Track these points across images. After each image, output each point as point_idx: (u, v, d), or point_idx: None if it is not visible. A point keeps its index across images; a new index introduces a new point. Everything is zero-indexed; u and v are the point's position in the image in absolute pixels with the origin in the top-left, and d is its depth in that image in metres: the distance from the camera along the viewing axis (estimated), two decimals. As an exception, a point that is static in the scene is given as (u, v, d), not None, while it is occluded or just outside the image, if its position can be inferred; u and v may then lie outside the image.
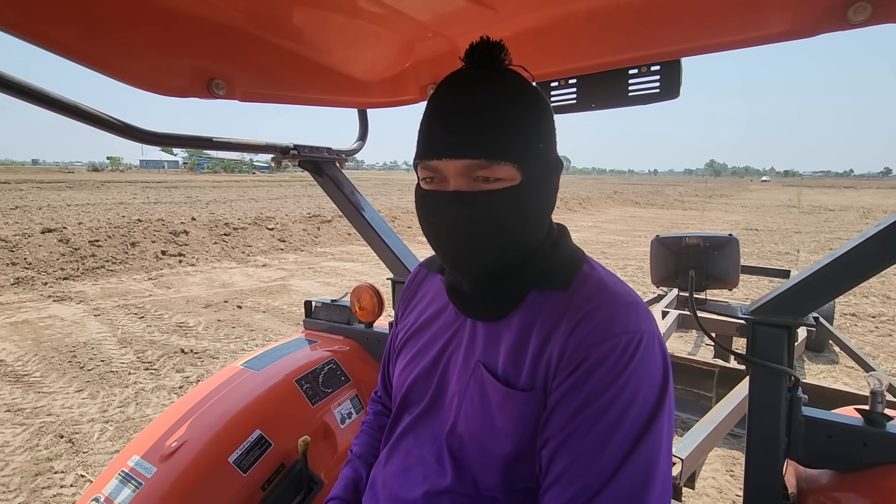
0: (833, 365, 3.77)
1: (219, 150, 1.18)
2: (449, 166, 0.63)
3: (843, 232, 12.25)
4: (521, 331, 0.68)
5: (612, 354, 0.59)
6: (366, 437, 0.92)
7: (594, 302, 0.63)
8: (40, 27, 0.68)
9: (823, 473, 0.94)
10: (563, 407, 0.60)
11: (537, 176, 0.65)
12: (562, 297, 0.66)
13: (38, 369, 3.58)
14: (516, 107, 0.63)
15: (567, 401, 0.60)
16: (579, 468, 0.57)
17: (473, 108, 0.62)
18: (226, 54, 0.91)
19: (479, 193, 0.63)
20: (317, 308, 1.68)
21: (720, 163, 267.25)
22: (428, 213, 0.67)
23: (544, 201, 0.68)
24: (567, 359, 0.61)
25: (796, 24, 0.76)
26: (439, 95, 0.66)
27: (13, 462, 2.48)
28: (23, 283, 5.99)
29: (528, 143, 0.64)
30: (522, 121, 0.64)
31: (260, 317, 4.95)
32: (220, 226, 9.88)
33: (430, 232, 0.69)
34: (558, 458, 0.59)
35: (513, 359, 0.67)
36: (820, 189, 45.62)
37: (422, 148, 0.65)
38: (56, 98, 0.82)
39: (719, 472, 2.46)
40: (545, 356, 0.64)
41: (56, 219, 10.38)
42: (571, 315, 0.63)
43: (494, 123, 0.62)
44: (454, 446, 0.71)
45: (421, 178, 0.68)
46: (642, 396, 0.58)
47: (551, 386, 0.63)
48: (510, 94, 0.64)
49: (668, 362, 0.62)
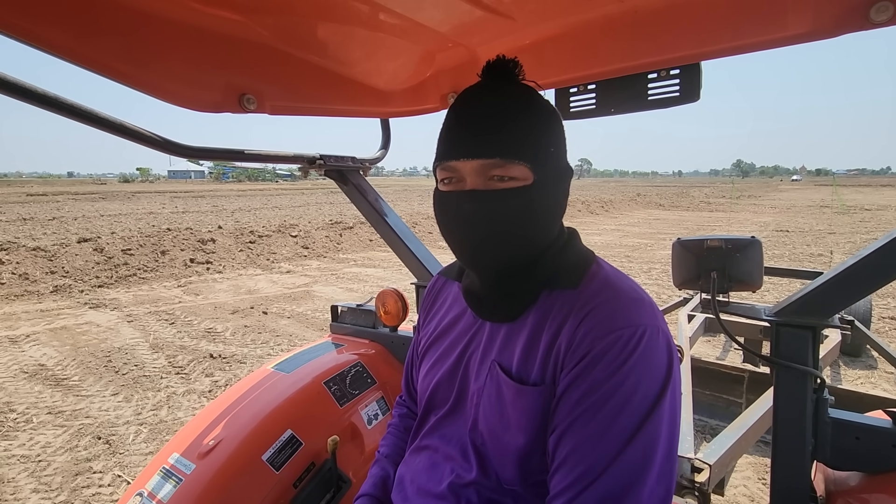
0: (871, 370, 3.63)
1: (249, 162, 1.23)
2: (466, 166, 0.67)
3: (880, 232, 11.77)
4: (533, 329, 0.71)
5: (615, 346, 0.62)
6: (392, 439, 0.96)
7: (600, 297, 0.67)
8: (79, 47, 0.72)
9: (852, 476, 0.92)
10: (569, 395, 0.64)
11: (548, 178, 0.69)
12: (570, 295, 0.70)
13: (76, 373, 3.73)
14: (527, 112, 0.69)
15: (572, 389, 0.63)
16: (583, 452, 0.60)
17: (488, 113, 0.68)
18: (256, 70, 0.96)
19: (495, 192, 0.67)
20: (343, 312, 1.72)
21: (748, 162, 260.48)
22: (446, 212, 0.71)
23: (555, 203, 0.72)
24: (573, 350, 0.65)
25: (817, 24, 0.76)
26: (457, 104, 0.71)
27: (55, 462, 2.59)
28: (61, 291, 6.25)
29: (540, 146, 0.68)
30: (534, 124, 0.69)
31: (285, 322, 5.05)
32: (245, 234, 10.12)
33: (448, 231, 0.72)
34: (563, 442, 0.63)
35: (525, 356, 0.70)
36: (855, 188, 43.96)
37: (441, 151, 0.71)
38: (104, 117, 0.88)
39: (751, 479, 2.40)
40: (554, 351, 0.67)
41: (91, 229, 10.81)
42: (578, 310, 0.67)
43: (508, 125, 0.67)
44: (477, 442, 0.74)
45: (439, 179, 0.72)
46: (644, 386, 0.61)
47: (559, 378, 0.66)
48: (521, 101, 0.69)
49: (672, 356, 0.64)
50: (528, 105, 0.69)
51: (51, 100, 0.79)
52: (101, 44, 0.74)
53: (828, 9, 0.74)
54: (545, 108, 0.72)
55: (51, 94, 0.79)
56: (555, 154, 0.71)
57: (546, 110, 0.71)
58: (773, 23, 0.80)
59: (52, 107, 0.80)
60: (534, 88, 0.73)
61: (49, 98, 0.78)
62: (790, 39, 0.80)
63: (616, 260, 8.42)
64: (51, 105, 0.79)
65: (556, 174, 0.71)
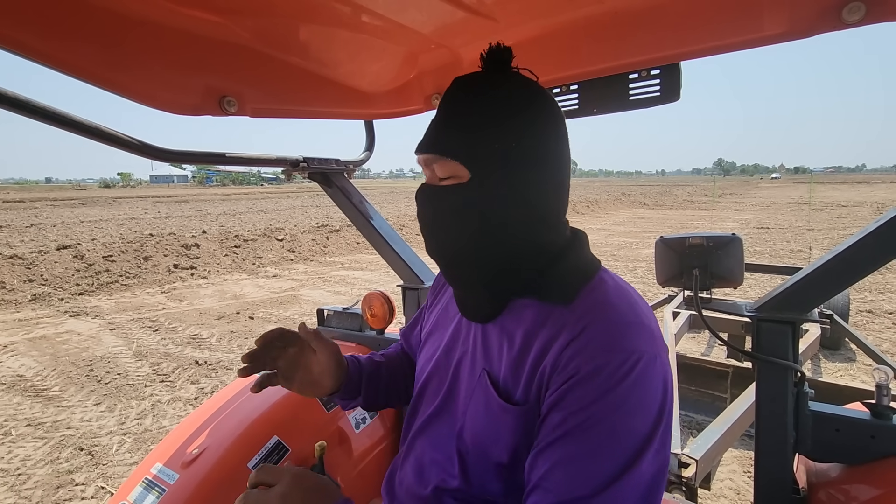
0: (850, 363, 3.72)
1: (231, 166, 1.22)
2: (420, 161, 0.69)
3: (856, 228, 12.06)
4: (522, 343, 0.67)
5: (604, 370, 0.56)
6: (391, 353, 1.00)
7: (594, 317, 0.61)
8: (56, 52, 0.71)
9: (833, 467, 0.94)
10: (551, 416, 0.59)
11: (493, 175, 0.63)
12: (563, 312, 0.64)
13: (56, 383, 3.65)
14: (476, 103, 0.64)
15: (555, 411, 0.59)
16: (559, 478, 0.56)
17: (443, 108, 0.67)
18: (237, 72, 0.94)
19: (435, 188, 0.67)
20: (329, 316, 1.70)
21: (729, 161, 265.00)
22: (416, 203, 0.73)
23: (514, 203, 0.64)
24: (559, 371, 0.60)
25: (792, 25, 0.78)
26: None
27: (35, 475, 2.52)
28: (40, 300, 6.11)
29: (478, 141, 0.63)
30: (478, 117, 0.64)
31: (272, 327, 4.98)
32: (230, 238, 10.00)
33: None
34: (539, 464, 0.59)
35: (512, 371, 0.67)
36: (832, 185, 45.04)
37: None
38: (78, 121, 0.86)
39: (736, 473, 2.44)
40: (540, 369, 0.63)
41: (70, 235, 10.58)
42: (570, 329, 0.61)
43: (448, 120, 0.66)
44: (462, 449, 0.72)
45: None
46: (634, 422, 0.56)
47: (543, 398, 0.62)
48: (475, 93, 0.65)
49: (668, 389, 0.59)
50: (481, 95, 0.64)
51: (22, 103, 0.77)
52: (75, 46, 0.73)
53: (802, 10, 0.76)
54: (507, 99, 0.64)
55: (22, 98, 0.77)
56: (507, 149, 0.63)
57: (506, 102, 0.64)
58: (749, 23, 0.82)
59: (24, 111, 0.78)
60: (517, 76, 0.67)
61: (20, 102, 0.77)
62: (766, 40, 0.82)
63: (602, 259, 8.31)
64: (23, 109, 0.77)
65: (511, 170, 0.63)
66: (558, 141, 0.67)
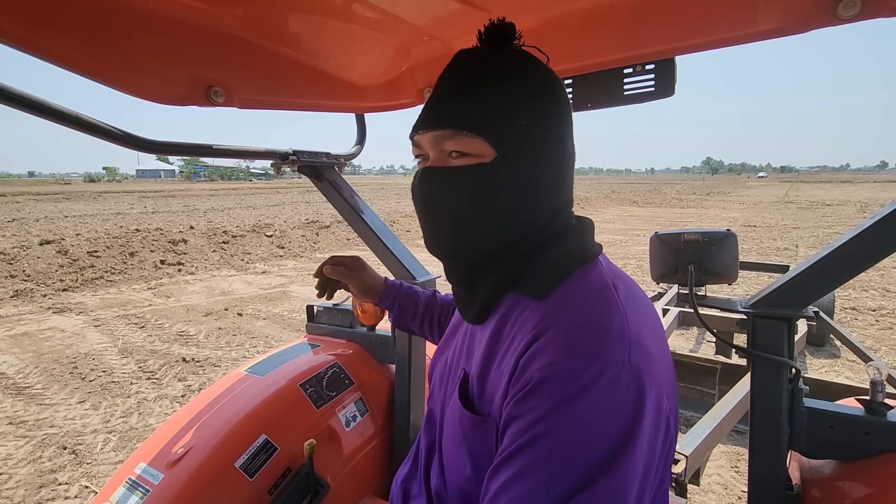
0: (835, 359, 3.78)
1: (218, 158, 1.19)
2: (425, 140, 0.61)
3: (841, 227, 12.28)
4: (493, 341, 0.62)
5: (558, 379, 0.49)
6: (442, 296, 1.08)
7: (560, 316, 0.55)
8: (38, 38, 0.68)
9: (826, 464, 0.94)
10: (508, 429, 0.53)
11: (517, 156, 0.59)
12: (535, 309, 0.58)
13: (39, 381, 3.57)
14: (497, 79, 0.59)
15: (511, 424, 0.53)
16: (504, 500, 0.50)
17: (452, 81, 0.61)
18: (224, 62, 0.92)
19: (447, 169, 0.60)
20: (319, 312, 1.68)
21: (717, 160, 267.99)
22: (412, 191, 0.65)
23: (531, 188, 0.60)
24: (516, 378, 0.54)
25: (787, 20, 0.77)
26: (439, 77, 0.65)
27: (16, 475, 2.47)
28: (22, 296, 5.98)
29: (505, 118, 0.58)
30: (502, 94, 0.59)
31: (261, 324, 4.95)
32: (218, 234, 9.88)
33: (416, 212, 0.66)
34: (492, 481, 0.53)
35: (480, 375, 0.62)
36: (817, 184, 45.73)
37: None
38: (56, 109, 0.82)
39: (724, 468, 2.46)
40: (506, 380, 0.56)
41: (54, 230, 10.37)
42: (533, 328, 0.55)
43: (467, 94, 0.59)
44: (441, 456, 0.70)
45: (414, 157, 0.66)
46: (587, 442, 0.47)
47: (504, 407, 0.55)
48: (494, 68, 0.60)
49: (643, 408, 0.49)
50: (502, 72, 0.60)
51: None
52: (57, 32, 0.70)
53: (797, 4, 0.75)
54: (528, 76, 0.61)
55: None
56: (529, 128, 0.59)
57: (528, 79, 0.60)
58: (744, 18, 0.81)
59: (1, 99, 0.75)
60: (529, 55, 0.63)
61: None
62: (761, 35, 0.81)
63: (592, 256, 8.50)
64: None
65: (532, 152, 0.59)
66: (570, 122, 0.65)
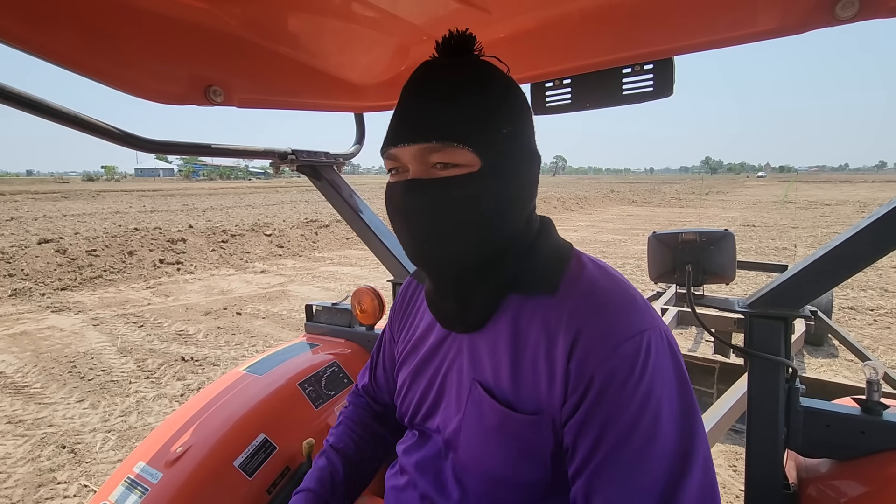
0: (833, 358, 3.78)
1: (218, 157, 1.19)
2: (405, 153, 0.61)
3: (840, 226, 12.30)
4: (514, 344, 0.63)
5: (622, 367, 0.55)
6: (344, 430, 0.89)
7: (590, 308, 0.59)
8: (37, 37, 0.68)
9: (823, 462, 0.95)
10: (584, 435, 0.56)
11: (500, 163, 0.61)
12: (553, 304, 0.62)
13: (38, 380, 3.57)
14: (475, 89, 0.61)
15: (587, 428, 0.56)
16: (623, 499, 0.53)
17: (429, 93, 0.61)
18: (223, 61, 0.92)
19: (437, 181, 0.60)
20: (318, 312, 1.68)
21: (716, 159, 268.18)
22: (391, 204, 0.64)
23: (514, 192, 0.63)
24: (573, 380, 0.57)
25: (786, 20, 0.77)
26: (405, 86, 0.65)
27: (15, 474, 2.47)
28: (20, 295, 5.97)
29: (488, 128, 0.60)
30: (481, 103, 0.61)
31: (260, 323, 4.95)
32: (217, 233, 9.87)
33: (396, 226, 0.65)
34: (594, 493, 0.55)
35: (511, 377, 0.63)
36: (816, 184, 45.80)
37: (386, 138, 0.63)
38: (55, 108, 0.83)
39: (722, 467, 2.47)
40: (547, 375, 0.60)
41: (52, 229, 10.35)
42: (568, 326, 0.59)
43: (448, 105, 0.60)
44: (458, 470, 0.68)
45: (387, 171, 0.65)
46: (667, 401, 0.54)
47: (564, 411, 0.59)
48: (469, 79, 0.62)
49: (678, 357, 0.59)
50: (476, 82, 0.61)
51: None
52: (56, 31, 0.70)
53: (795, 5, 0.75)
54: (500, 85, 0.63)
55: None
56: (510, 136, 0.62)
57: (500, 88, 0.63)
58: (742, 19, 0.81)
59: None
60: (492, 64, 0.65)
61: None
62: (759, 35, 0.81)
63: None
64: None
65: (510, 158, 0.62)
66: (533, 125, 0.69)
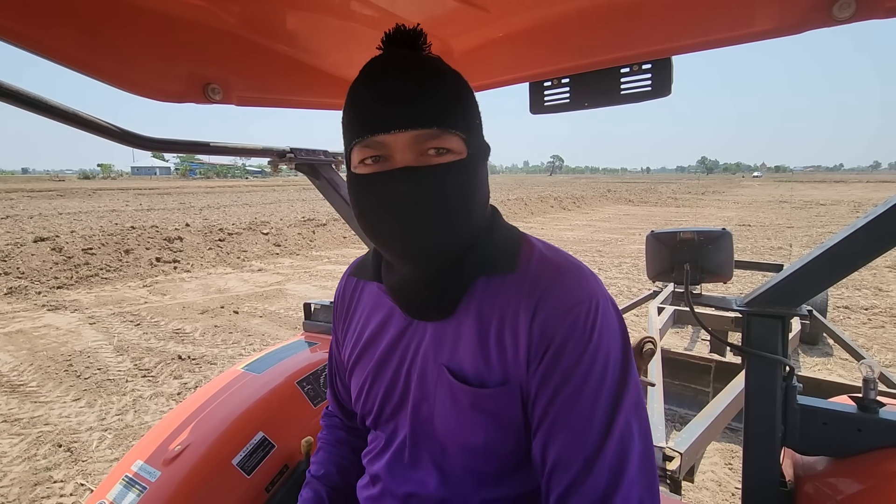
0: (827, 357, 3.81)
1: (216, 155, 1.19)
2: (398, 140, 0.58)
3: (835, 226, 12.36)
4: (479, 323, 0.66)
5: (575, 328, 0.60)
6: (323, 455, 0.88)
7: (546, 279, 0.64)
8: (36, 35, 0.68)
9: (819, 460, 0.96)
10: (543, 393, 0.61)
11: (478, 152, 0.65)
12: (512, 281, 0.66)
13: (34, 379, 3.56)
14: (450, 80, 0.63)
15: (544, 387, 0.61)
16: (574, 445, 0.58)
17: (418, 82, 0.59)
18: (222, 59, 0.92)
19: (436, 167, 0.60)
20: (316, 310, 1.68)
21: (712, 159, 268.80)
22: (374, 197, 0.61)
23: (485, 180, 0.68)
24: (536, 344, 0.62)
25: (783, 21, 0.78)
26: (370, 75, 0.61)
27: (11, 472, 2.46)
28: (16, 293, 5.94)
29: (468, 116, 0.64)
30: (459, 93, 0.63)
31: (257, 321, 4.94)
32: (214, 231, 9.84)
33: (376, 219, 0.63)
34: (551, 442, 0.60)
35: (479, 355, 0.65)
36: (811, 184, 46.01)
37: (359, 126, 0.60)
38: (53, 105, 0.82)
39: (718, 465, 2.48)
40: (511, 345, 0.63)
41: (48, 227, 10.31)
42: (528, 298, 0.63)
43: (442, 93, 0.60)
44: (435, 455, 0.69)
45: (358, 161, 0.62)
46: (613, 360, 0.61)
47: (528, 375, 0.63)
48: (444, 68, 0.63)
49: (622, 320, 0.65)
50: (448, 72, 0.63)
51: None
52: (55, 29, 0.70)
53: (793, 5, 0.76)
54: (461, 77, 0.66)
55: None
56: (480, 125, 0.67)
57: (463, 80, 0.66)
58: (740, 19, 0.81)
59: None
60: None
61: None
62: (757, 35, 0.82)
63: (588, 255, 8.55)
64: None
65: (482, 149, 0.67)
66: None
